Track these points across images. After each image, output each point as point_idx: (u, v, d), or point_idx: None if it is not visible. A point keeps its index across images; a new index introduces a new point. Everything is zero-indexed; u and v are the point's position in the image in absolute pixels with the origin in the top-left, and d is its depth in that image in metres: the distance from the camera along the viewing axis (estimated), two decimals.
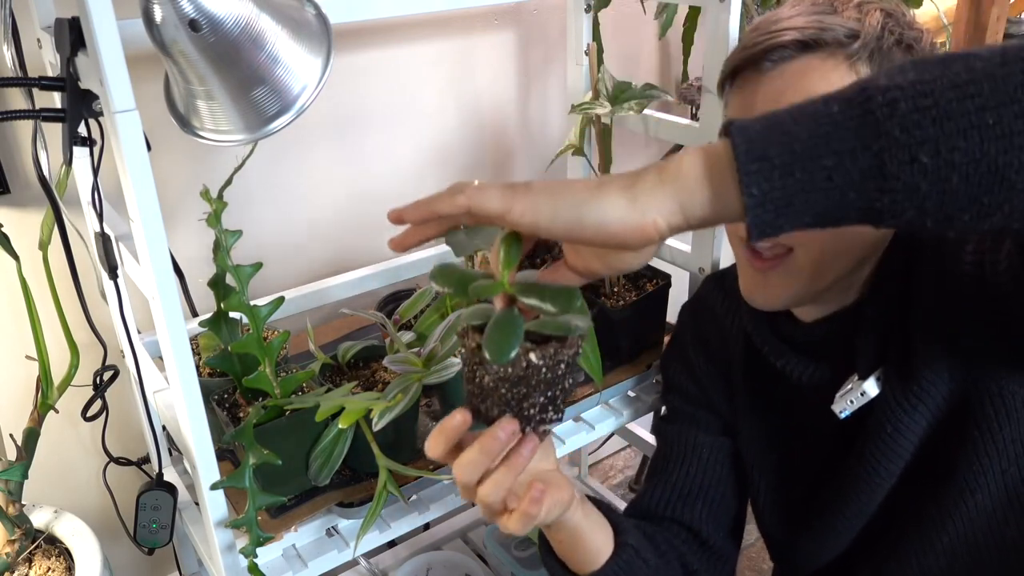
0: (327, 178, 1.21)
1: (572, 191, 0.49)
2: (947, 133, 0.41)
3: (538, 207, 0.49)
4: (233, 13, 0.67)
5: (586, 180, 0.50)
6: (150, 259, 0.68)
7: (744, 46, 0.70)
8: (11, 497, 0.85)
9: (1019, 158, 0.41)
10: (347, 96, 1.18)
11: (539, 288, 0.55)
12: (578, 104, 1.07)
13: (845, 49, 0.66)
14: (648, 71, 1.55)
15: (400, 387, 0.83)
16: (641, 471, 1.83)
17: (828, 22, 0.66)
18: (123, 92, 0.63)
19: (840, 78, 0.65)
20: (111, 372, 0.97)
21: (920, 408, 0.70)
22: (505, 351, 0.52)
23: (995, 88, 0.41)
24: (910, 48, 0.67)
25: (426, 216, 0.53)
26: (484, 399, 0.58)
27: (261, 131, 0.74)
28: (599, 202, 0.48)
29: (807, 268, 0.71)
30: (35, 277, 0.82)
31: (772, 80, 0.68)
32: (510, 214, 0.49)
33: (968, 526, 0.71)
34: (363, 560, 1.33)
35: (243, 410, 0.87)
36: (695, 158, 0.47)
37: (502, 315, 0.55)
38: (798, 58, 0.67)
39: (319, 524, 0.88)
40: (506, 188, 0.50)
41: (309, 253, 1.23)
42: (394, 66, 1.21)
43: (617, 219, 0.47)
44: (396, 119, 1.24)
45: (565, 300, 0.54)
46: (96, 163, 0.76)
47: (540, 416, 0.58)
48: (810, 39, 0.66)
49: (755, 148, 0.44)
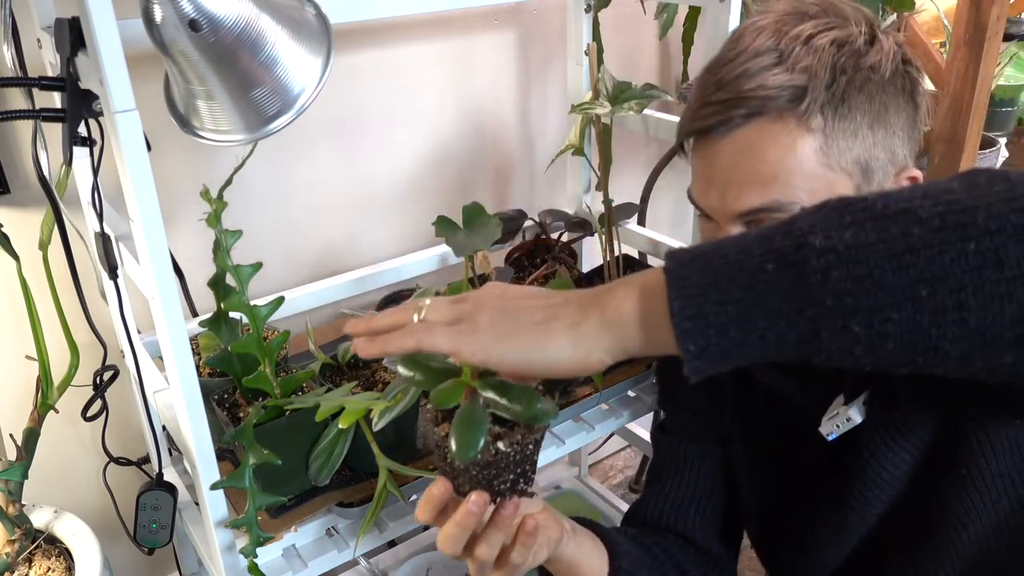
0: (327, 178, 1.21)
1: (519, 331, 0.51)
2: (880, 305, 0.42)
3: (487, 350, 0.51)
4: (233, 13, 0.67)
5: (531, 308, 0.52)
6: (150, 259, 0.68)
7: (693, 116, 0.69)
8: (11, 497, 0.85)
9: (952, 331, 0.41)
10: (347, 96, 1.18)
11: (503, 387, 0.57)
12: (578, 104, 1.07)
13: (794, 111, 0.63)
14: (648, 71, 1.55)
15: (400, 387, 0.82)
16: (641, 471, 1.83)
17: (771, 85, 0.63)
18: (123, 92, 0.63)
19: (792, 140, 0.64)
20: (111, 372, 0.97)
21: (901, 441, 0.69)
22: (471, 448, 0.55)
23: (931, 259, 0.41)
24: (867, 80, 0.64)
25: (379, 353, 0.54)
26: (456, 477, 0.60)
27: (261, 131, 0.74)
28: (545, 347, 0.50)
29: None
30: (35, 277, 0.82)
31: (725, 148, 0.66)
32: (459, 355, 0.51)
33: (963, 559, 0.70)
34: (363, 560, 1.33)
35: (243, 410, 0.87)
36: (634, 303, 0.49)
37: (466, 410, 0.57)
38: (746, 125, 0.65)
39: (319, 524, 0.88)
40: (452, 329, 0.52)
41: (309, 253, 1.23)
42: (394, 66, 1.21)
43: (564, 359, 0.50)
44: (396, 119, 1.24)
45: (527, 400, 0.56)
46: (96, 163, 0.76)
47: (511, 490, 0.60)
48: (756, 109, 0.64)
49: (690, 306, 0.45)
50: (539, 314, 0.52)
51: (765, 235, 0.46)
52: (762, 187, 0.65)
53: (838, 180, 0.65)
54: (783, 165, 0.64)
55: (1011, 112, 1.95)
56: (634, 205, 1.19)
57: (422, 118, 1.27)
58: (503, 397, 0.56)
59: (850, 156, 0.65)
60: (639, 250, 1.29)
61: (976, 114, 1.58)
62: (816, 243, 0.43)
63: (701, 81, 0.70)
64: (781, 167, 0.64)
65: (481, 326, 0.52)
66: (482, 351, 0.51)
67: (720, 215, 0.69)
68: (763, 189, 0.65)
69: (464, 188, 1.36)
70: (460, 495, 0.60)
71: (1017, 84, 1.95)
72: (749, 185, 0.65)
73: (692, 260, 0.47)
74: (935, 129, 1.64)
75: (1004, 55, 1.86)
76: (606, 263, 1.13)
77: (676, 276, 0.46)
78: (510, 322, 0.51)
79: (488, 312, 0.52)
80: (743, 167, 0.65)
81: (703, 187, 0.70)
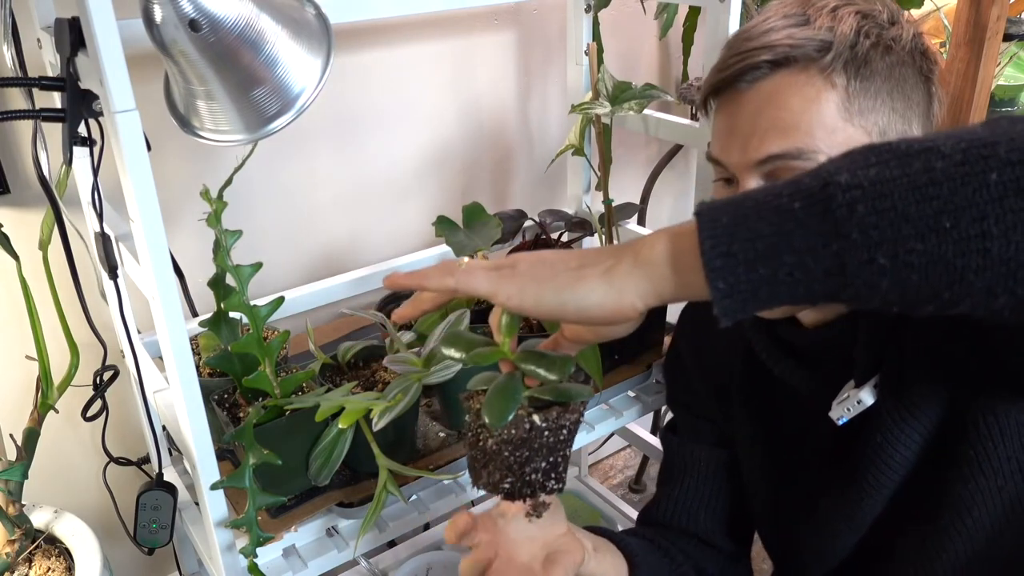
0: (327, 178, 1.21)
1: (555, 276, 0.52)
2: (904, 236, 0.42)
3: (524, 293, 0.52)
4: (233, 13, 0.67)
5: (567, 258, 0.53)
6: (150, 259, 0.68)
7: (719, 68, 0.71)
8: (11, 497, 0.85)
9: (976, 260, 0.42)
10: (347, 96, 1.18)
11: (539, 356, 0.58)
12: (578, 104, 1.07)
13: (818, 63, 0.66)
14: (648, 71, 1.55)
15: (400, 387, 0.83)
16: (641, 471, 1.83)
17: (799, 37, 0.66)
18: (123, 92, 0.63)
19: (816, 91, 0.66)
20: (111, 372, 0.97)
21: (912, 422, 0.70)
22: (503, 414, 0.55)
23: (953, 191, 0.42)
24: (888, 49, 0.67)
25: (417, 287, 0.56)
26: (487, 463, 0.59)
27: (261, 131, 0.74)
28: (580, 288, 0.51)
29: None
30: (35, 277, 0.82)
31: (750, 99, 0.69)
32: (496, 297, 0.52)
33: (967, 543, 0.70)
34: (363, 560, 1.33)
35: (243, 410, 0.87)
36: (666, 244, 0.49)
37: (503, 380, 0.58)
38: (772, 76, 0.67)
39: (319, 524, 0.88)
40: (492, 271, 0.53)
41: (309, 253, 1.23)
42: (394, 66, 1.21)
43: (596, 303, 0.50)
44: (396, 119, 1.24)
45: (562, 367, 0.57)
46: (96, 163, 0.76)
47: (542, 482, 0.59)
48: (781, 57, 0.67)
49: (720, 244, 0.46)
50: (574, 262, 0.52)
51: (793, 179, 0.46)
52: (784, 134, 0.67)
53: (857, 136, 0.67)
54: (805, 115, 0.66)
55: (1011, 112, 1.95)
56: (634, 205, 1.19)
57: (422, 118, 1.27)
58: (540, 365, 0.56)
59: (870, 118, 0.67)
60: None
61: (976, 114, 1.58)
62: (842, 180, 0.44)
63: (729, 42, 0.72)
64: (803, 116, 0.66)
65: (520, 271, 0.53)
66: (519, 294, 0.52)
67: (741, 167, 0.70)
68: (785, 136, 0.67)
69: (464, 188, 1.36)
70: (490, 486, 0.59)
71: (1017, 84, 1.95)
72: (771, 132, 0.67)
73: (724, 204, 0.47)
74: (935, 129, 1.64)
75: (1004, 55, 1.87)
76: None
77: (707, 218, 0.47)
78: (547, 268, 0.52)
79: (526, 263, 0.53)
80: (766, 114, 0.67)
81: (725, 141, 0.71)
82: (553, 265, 0.52)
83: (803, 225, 0.44)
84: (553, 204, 1.37)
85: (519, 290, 0.52)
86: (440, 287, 0.54)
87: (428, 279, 0.54)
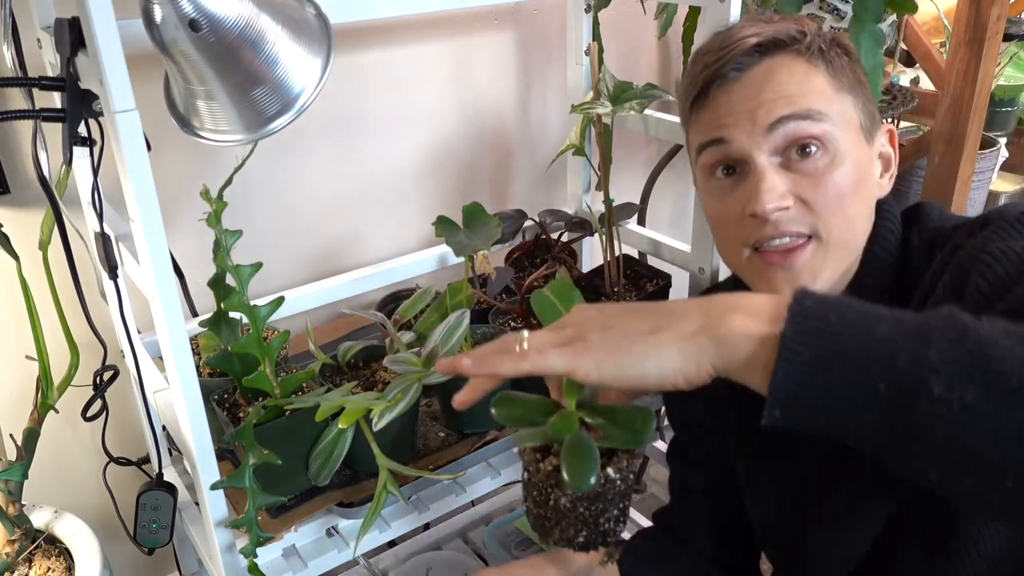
0: (327, 178, 1.21)
1: (630, 345, 0.51)
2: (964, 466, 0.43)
3: (602, 367, 0.51)
4: (233, 13, 0.67)
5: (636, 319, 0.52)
6: (150, 259, 0.68)
7: (706, 65, 0.72)
8: (11, 497, 0.85)
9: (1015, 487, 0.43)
10: (347, 96, 1.18)
11: (612, 412, 0.56)
12: (578, 104, 1.07)
13: (799, 47, 0.71)
14: (648, 71, 1.54)
15: (400, 387, 0.83)
16: (641, 472, 1.83)
17: (779, 27, 0.72)
18: (123, 92, 0.63)
19: (804, 69, 0.70)
20: (111, 372, 0.97)
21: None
22: (587, 477, 0.52)
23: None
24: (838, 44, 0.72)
25: (490, 375, 0.55)
26: (559, 521, 0.58)
27: (261, 131, 0.74)
28: (658, 357, 0.50)
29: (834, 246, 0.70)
30: (35, 277, 0.82)
31: (744, 85, 0.71)
32: (574, 374, 0.52)
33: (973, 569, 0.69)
34: (363, 560, 1.33)
35: (243, 410, 0.87)
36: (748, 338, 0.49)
37: (575, 440, 0.55)
38: (760, 62, 0.70)
39: (319, 524, 0.88)
40: (564, 348, 0.52)
41: (309, 253, 1.23)
42: (394, 66, 1.21)
43: (675, 371, 0.50)
44: (396, 119, 1.24)
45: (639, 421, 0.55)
46: (96, 163, 0.76)
47: (615, 529, 0.58)
48: (768, 41, 0.71)
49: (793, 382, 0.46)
50: (645, 323, 0.52)
51: (891, 338, 0.45)
52: (789, 100, 0.69)
53: (847, 107, 0.71)
54: (804, 86, 0.70)
55: (1011, 112, 1.95)
56: (634, 205, 1.19)
57: (422, 118, 1.27)
58: (612, 422, 0.55)
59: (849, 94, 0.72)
60: (639, 250, 1.29)
61: (976, 114, 1.58)
62: (935, 391, 0.43)
63: (694, 58, 0.75)
64: (802, 87, 0.70)
65: (592, 344, 0.52)
66: (597, 369, 0.51)
67: (751, 142, 0.70)
68: (791, 101, 0.69)
69: (464, 188, 1.36)
70: (563, 541, 0.58)
71: (1017, 84, 1.95)
72: (777, 99, 0.70)
73: (816, 328, 0.46)
74: (935, 129, 1.64)
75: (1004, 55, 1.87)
76: (606, 263, 1.13)
77: (791, 343, 0.46)
78: (619, 337, 0.52)
79: (596, 332, 0.53)
80: (768, 89, 0.70)
81: (729, 121, 0.72)
82: (625, 332, 0.52)
83: (878, 410, 0.45)
84: (553, 204, 1.37)
85: (597, 365, 0.51)
86: (515, 373, 0.53)
87: (501, 366, 0.53)
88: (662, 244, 1.21)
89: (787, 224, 0.69)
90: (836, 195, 0.69)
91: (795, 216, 0.69)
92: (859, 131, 0.72)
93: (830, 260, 0.71)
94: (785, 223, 0.69)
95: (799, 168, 0.69)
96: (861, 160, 0.71)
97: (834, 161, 0.69)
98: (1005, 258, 0.61)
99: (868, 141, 0.73)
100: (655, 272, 1.14)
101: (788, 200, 0.69)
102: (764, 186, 0.69)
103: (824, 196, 0.69)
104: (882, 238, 0.74)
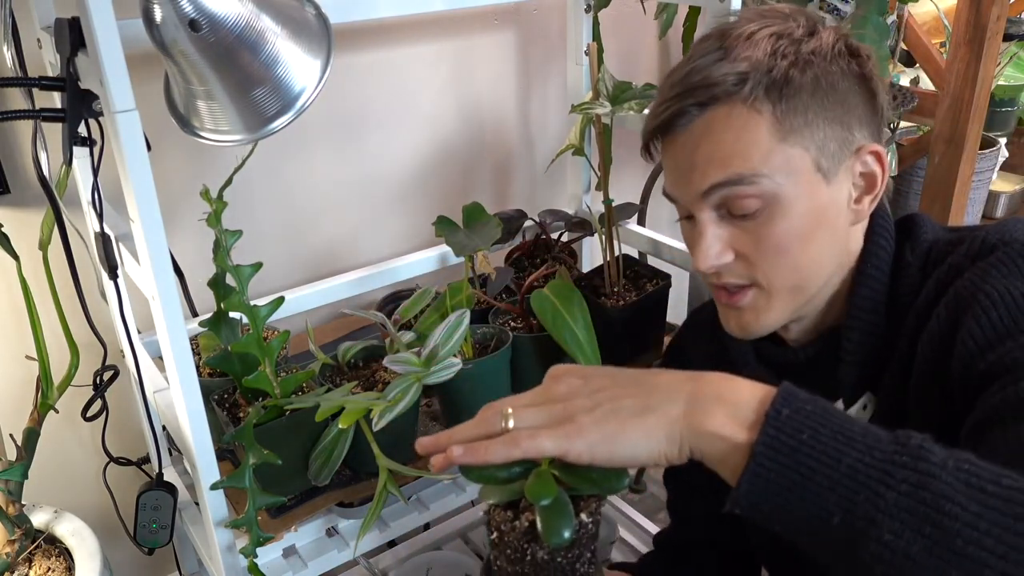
0: (327, 178, 1.21)
1: (622, 427, 0.53)
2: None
3: (594, 450, 0.53)
4: (233, 13, 0.68)
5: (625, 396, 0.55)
6: (150, 259, 0.68)
7: (653, 114, 0.72)
8: (11, 497, 0.85)
9: None
10: (347, 96, 1.18)
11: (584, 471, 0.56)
12: (578, 104, 1.07)
13: (739, 95, 0.67)
14: (648, 71, 1.55)
15: (400, 387, 0.83)
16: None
17: (716, 76, 0.67)
18: (123, 92, 0.63)
19: (743, 121, 0.67)
20: (111, 372, 0.97)
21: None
22: (565, 529, 0.54)
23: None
24: (808, 64, 0.66)
25: (482, 464, 0.55)
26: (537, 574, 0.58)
27: (261, 131, 0.74)
28: (647, 440, 0.53)
29: (777, 293, 0.71)
30: (35, 277, 0.82)
31: (685, 141, 0.70)
32: (567, 457, 0.54)
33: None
34: (363, 560, 1.33)
35: (243, 410, 0.87)
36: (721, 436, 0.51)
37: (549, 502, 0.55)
38: (700, 116, 0.68)
39: (319, 524, 0.88)
40: (555, 431, 0.54)
41: (309, 253, 1.23)
42: (394, 66, 1.21)
43: (659, 454, 0.53)
44: (396, 119, 1.24)
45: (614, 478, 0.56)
46: (96, 163, 0.76)
47: (589, 571, 0.59)
48: (705, 98, 0.68)
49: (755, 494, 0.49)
50: (633, 403, 0.54)
51: (855, 471, 0.47)
52: (722, 163, 0.68)
53: (794, 154, 0.67)
54: (739, 143, 0.67)
55: (1011, 112, 1.95)
56: (634, 205, 1.19)
57: (422, 118, 1.27)
58: (586, 480, 0.56)
59: (805, 134, 0.67)
60: (639, 250, 1.29)
61: (976, 114, 1.58)
62: (884, 535, 0.45)
63: (661, 86, 0.74)
64: (737, 145, 0.67)
65: (584, 426, 0.54)
66: (589, 451, 0.53)
67: (691, 202, 0.71)
68: (723, 165, 0.68)
69: (464, 188, 1.36)
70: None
71: (1017, 84, 1.95)
72: (710, 163, 0.68)
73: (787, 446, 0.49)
74: (935, 129, 1.64)
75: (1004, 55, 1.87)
76: (606, 263, 1.13)
77: (760, 458, 0.49)
78: (610, 418, 0.54)
79: (585, 412, 0.55)
80: (703, 149, 0.69)
81: (673, 179, 0.73)
82: (616, 412, 0.54)
83: (828, 537, 0.47)
84: (553, 204, 1.37)
85: (589, 447, 0.53)
86: (507, 459, 0.54)
87: (492, 455, 0.54)
88: (662, 244, 1.21)
89: (727, 275, 0.71)
90: (776, 248, 0.68)
91: (734, 268, 0.70)
92: (813, 173, 0.67)
93: (775, 303, 0.71)
94: (725, 274, 0.71)
95: (738, 224, 0.69)
96: (815, 203, 0.68)
97: (774, 215, 0.67)
98: (1003, 303, 0.60)
99: (828, 179, 0.69)
100: (655, 272, 1.14)
101: (727, 256, 0.70)
102: (703, 245, 0.69)
103: (763, 251, 0.69)
104: (874, 255, 0.73)
